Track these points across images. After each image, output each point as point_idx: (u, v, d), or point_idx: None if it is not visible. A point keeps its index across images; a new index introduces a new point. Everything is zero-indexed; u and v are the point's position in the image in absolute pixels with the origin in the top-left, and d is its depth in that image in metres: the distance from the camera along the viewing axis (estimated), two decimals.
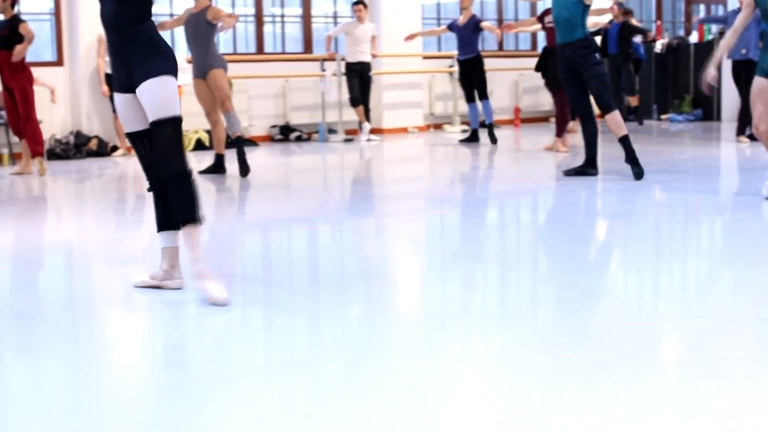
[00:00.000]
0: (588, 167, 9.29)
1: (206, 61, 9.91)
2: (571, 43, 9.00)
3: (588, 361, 3.62)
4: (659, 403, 3.14)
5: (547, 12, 12.09)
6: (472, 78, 13.71)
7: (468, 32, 13.61)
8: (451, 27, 13.99)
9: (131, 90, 4.79)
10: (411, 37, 14.40)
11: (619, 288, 5.04)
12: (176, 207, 4.76)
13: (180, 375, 3.65)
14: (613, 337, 3.95)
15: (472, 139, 13.91)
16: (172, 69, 4.77)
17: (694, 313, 4.40)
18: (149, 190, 4.92)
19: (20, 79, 10.48)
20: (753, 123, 7.51)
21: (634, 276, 5.24)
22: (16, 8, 10.64)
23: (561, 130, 12.02)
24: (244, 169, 10.00)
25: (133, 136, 4.88)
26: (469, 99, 13.85)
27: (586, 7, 8.98)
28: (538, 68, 12.67)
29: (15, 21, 10.41)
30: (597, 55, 9.06)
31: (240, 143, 10.07)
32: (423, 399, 3.25)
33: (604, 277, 5.29)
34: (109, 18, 4.75)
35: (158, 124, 4.71)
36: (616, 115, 9.08)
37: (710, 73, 7.72)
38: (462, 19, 13.70)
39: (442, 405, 3.21)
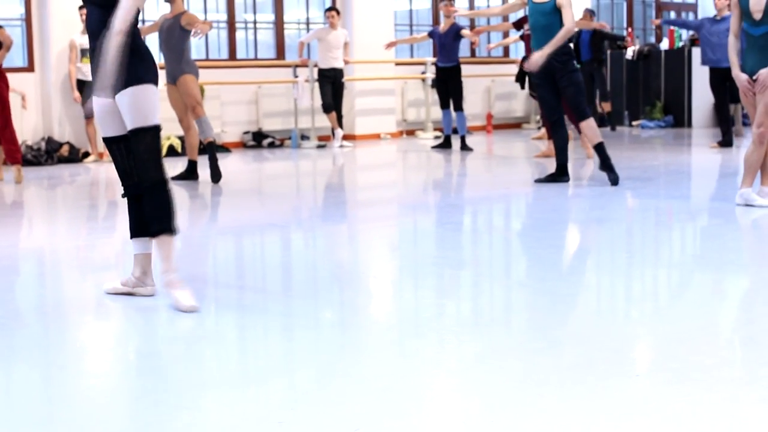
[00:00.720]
0: (559, 175, 9.33)
1: (178, 67, 9.91)
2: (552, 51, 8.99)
3: (561, 366, 3.64)
4: (631, 408, 3.16)
5: (524, 20, 12.13)
6: (448, 86, 13.71)
7: (449, 40, 13.61)
8: (432, 34, 13.99)
9: (108, 95, 4.78)
10: (391, 44, 14.42)
11: (591, 294, 5.07)
12: (151, 216, 4.74)
13: (153, 382, 3.64)
14: (585, 343, 3.96)
15: (445, 145, 13.92)
16: (153, 77, 4.76)
17: (666, 319, 4.42)
18: (124, 196, 4.90)
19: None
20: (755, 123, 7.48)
21: (606, 282, 5.27)
22: None
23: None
24: (216, 175, 10.00)
25: (109, 141, 4.87)
26: (444, 105, 13.85)
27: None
28: (518, 79, 12.76)
29: None
30: (574, 62, 9.12)
31: (212, 149, 10.06)
32: (396, 405, 3.25)
33: (577, 283, 5.31)
34: (94, 24, 4.74)
35: (137, 133, 4.70)
36: (591, 122, 9.14)
37: (743, 81, 7.57)
38: (443, 27, 13.70)
39: (415, 411, 3.21)
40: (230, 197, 9.37)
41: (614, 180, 8.96)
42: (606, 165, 9.07)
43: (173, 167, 11.51)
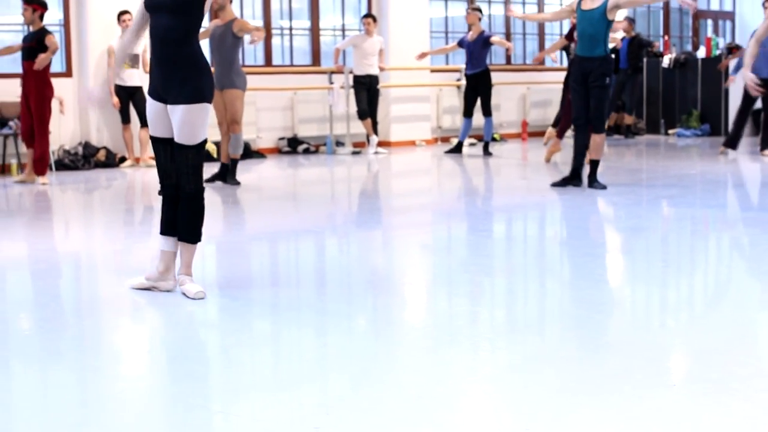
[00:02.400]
0: (573, 179, 9.55)
1: (228, 77, 9.98)
2: (593, 57, 9.17)
3: (596, 375, 3.62)
4: (667, 418, 3.14)
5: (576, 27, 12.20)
6: (477, 93, 13.80)
7: (477, 47, 13.65)
8: (461, 43, 14.07)
9: (164, 101, 5.00)
10: (422, 55, 14.54)
11: (626, 302, 5.03)
12: (182, 223, 5.09)
13: (187, 386, 3.65)
14: (621, 352, 3.94)
15: (457, 150, 14.20)
16: (208, 95, 4.99)
17: (702, 328, 4.39)
18: (160, 193, 5.16)
19: (41, 92, 10.57)
20: None
21: (641, 290, 5.24)
22: (43, 20, 10.71)
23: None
24: (233, 180, 10.33)
25: (157, 140, 5.09)
26: (466, 113, 14.05)
27: (610, 23, 9.13)
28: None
29: (42, 33, 10.50)
30: (611, 78, 9.29)
31: (234, 165, 10.43)
32: (430, 412, 3.25)
33: (612, 291, 5.28)
34: (162, 31, 4.95)
35: (183, 148, 4.99)
36: (601, 139, 9.32)
37: (748, 80, 7.87)
38: (471, 35, 13.75)
39: (449, 418, 3.21)
40: (265, 203, 9.40)
41: (577, 184, 9.42)
42: (593, 179, 9.43)
43: (208, 172, 11.58)
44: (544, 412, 3.23)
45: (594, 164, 9.47)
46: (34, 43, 10.47)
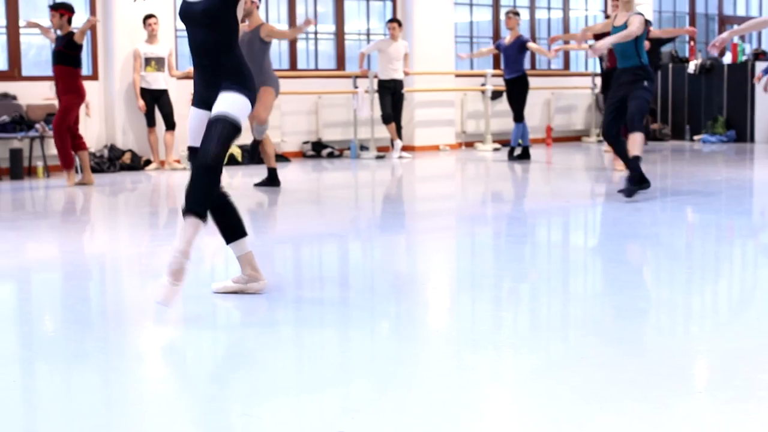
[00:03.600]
0: (640, 182, 9.22)
1: (259, 80, 9.94)
2: (627, 69, 9.26)
3: (621, 381, 3.60)
4: (693, 425, 3.12)
5: (604, 35, 12.20)
6: (513, 97, 13.82)
7: (513, 51, 13.66)
8: (499, 47, 14.08)
9: (209, 107, 4.90)
10: (464, 57, 14.67)
11: (651, 309, 5.00)
12: (189, 194, 4.75)
13: (211, 389, 3.66)
14: (646, 358, 3.92)
15: (524, 156, 14.02)
16: (252, 99, 4.92)
17: (727, 335, 4.37)
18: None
19: (70, 96, 10.64)
20: None
21: (666, 296, 5.21)
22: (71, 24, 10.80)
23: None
24: (254, 156, 10.81)
25: (195, 151, 4.94)
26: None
27: (639, 37, 9.17)
28: (603, 91, 12.79)
29: (71, 36, 10.59)
30: (649, 83, 9.26)
31: (255, 146, 10.64)
32: (454, 417, 3.24)
33: (637, 298, 5.26)
34: (198, 44, 4.89)
35: (218, 118, 4.76)
36: (639, 137, 9.14)
37: (722, 38, 7.80)
38: (508, 39, 13.78)
39: (473, 423, 3.20)
40: (289, 206, 9.41)
41: (629, 192, 8.99)
42: (633, 178, 9.06)
43: (233, 175, 11.61)
44: (569, 418, 3.22)
45: (635, 161, 9.10)
46: (62, 48, 10.53)
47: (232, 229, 5.10)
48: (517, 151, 14.07)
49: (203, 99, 4.93)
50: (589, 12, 19.01)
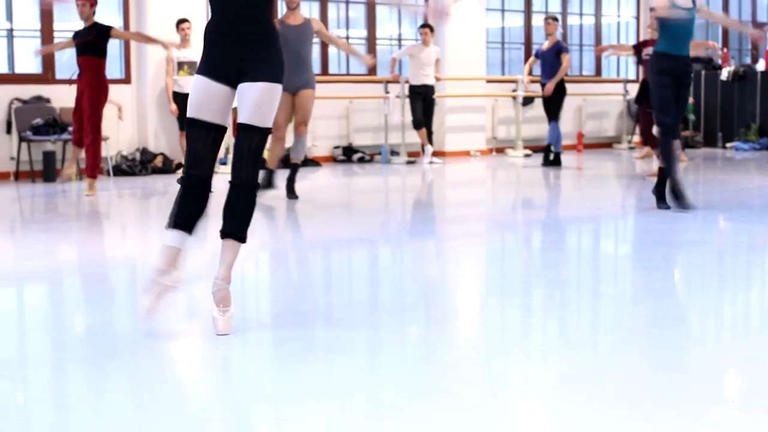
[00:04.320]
0: (679, 198, 8.82)
1: (304, 77, 9.73)
2: (685, 57, 8.72)
3: (652, 390, 3.58)
4: None
5: (645, 43, 12.14)
6: (550, 100, 13.78)
7: (550, 57, 13.65)
8: (537, 53, 14.05)
9: (231, 83, 4.49)
10: (526, 81, 14.64)
11: (683, 317, 4.97)
12: (230, 217, 4.56)
13: (241, 393, 3.67)
14: (677, 367, 3.90)
15: (555, 162, 13.97)
16: (282, 78, 4.55)
17: (760, 344, 4.33)
18: (182, 182, 4.60)
19: (95, 92, 10.26)
20: None
21: (697, 305, 5.18)
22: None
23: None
24: (291, 194, 9.87)
25: (200, 124, 4.53)
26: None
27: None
28: (638, 101, 12.67)
29: (99, 27, 10.37)
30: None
31: (295, 169, 9.98)
32: (483, 423, 3.23)
33: (668, 306, 5.23)
34: (237, 6, 4.42)
35: (250, 129, 4.45)
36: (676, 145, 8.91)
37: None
38: (546, 45, 13.76)
39: (502, 430, 3.19)
40: (319, 211, 9.42)
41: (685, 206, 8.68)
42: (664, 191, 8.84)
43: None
44: (598, 426, 3.20)
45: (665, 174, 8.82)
46: (91, 38, 10.33)
47: (189, 218, 4.65)
48: (550, 157, 14.03)
49: (220, 68, 4.48)
50: (622, 18, 18.94)
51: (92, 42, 10.36)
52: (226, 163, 13.34)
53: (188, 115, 4.57)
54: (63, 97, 12.49)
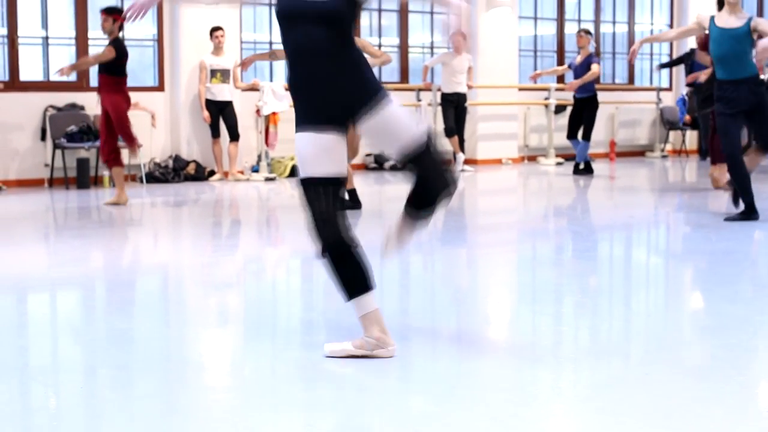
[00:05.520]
0: (750, 212, 8.49)
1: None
2: (745, 79, 8.18)
3: (684, 399, 3.55)
4: None
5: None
6: (582, 116, 13.68)
7: (583, 70, 13.59)
8: (570, 65, 14.02)
9: (341, 124, 4.11)
10: (536, 76, 14.55)
11: (715, 326, 4.93)
12: (426, 199, 4.44)
13: (269, 400, 3.67)
14: (710, 376, 3.87)
15: (587, 170, 13.89)
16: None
17: None
18: (323, 254, 4.20)
19: (116, 106, 9.91)
20: None
21: (730, 314, 5.13)
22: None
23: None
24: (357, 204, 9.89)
25: (320, 182, 4.10)
26: (570, 135, 13.84)
27: (752, 41, 8.23)
28: (702, 107, 12.37)
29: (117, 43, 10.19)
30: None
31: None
32: None
33: (701, 314, 5.20)
34: (316, 43, 4.03)
35: (420, 148, 4.17)
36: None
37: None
38: (579, 58, 13.72)
39: None
40: (351, 219, 9.40)
41: (755, 217, 8.41)
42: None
43: (284, 187, 11.64)
44: None
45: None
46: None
47: (351, 282, 4.22)
48: (580, 166, 13.98)
49: (329, 117, 4.09)
50: (655, 25, 18.85)
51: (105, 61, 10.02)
52: (258, 171, 13.39)
53: (307, 174, 4.12)
54: (93, 106, 12.56)
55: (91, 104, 12.58)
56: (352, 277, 4.20)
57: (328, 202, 4.11)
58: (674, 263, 6.87)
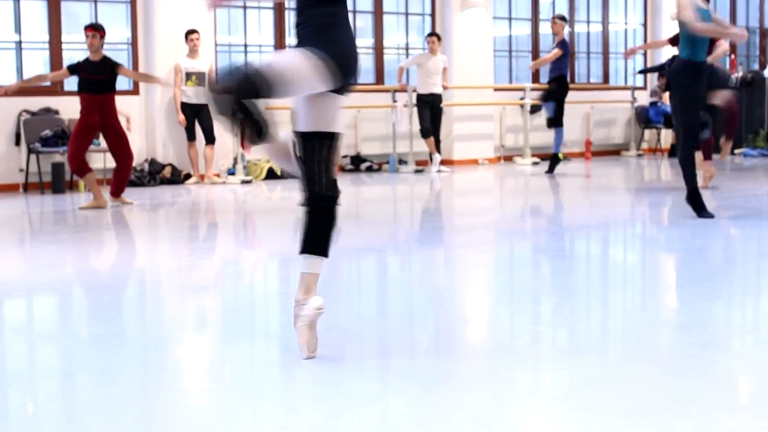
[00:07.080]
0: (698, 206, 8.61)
1: None
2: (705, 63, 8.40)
3: (661, 397, 3.57)
4: None
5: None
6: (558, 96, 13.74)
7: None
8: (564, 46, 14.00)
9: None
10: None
11: (691, 323, 4.96)
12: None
13: (248, 403, 3.67)
14: (686, 374, 3.89)
15: (551, 167, 13.92)
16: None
17: None
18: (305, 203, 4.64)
19: (117, 118, 10.51)
20: None
21: (706, 311, 5.16)
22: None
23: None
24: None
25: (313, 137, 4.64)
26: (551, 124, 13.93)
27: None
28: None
29: (111, 63, 10.35)
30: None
31: None
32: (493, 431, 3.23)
33: (676, 312, 5.22)
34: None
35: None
36: None
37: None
38: (553, 45, 13.84)
39: None
40: None
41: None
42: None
43: (272, 190, 11.63)
44: None
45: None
46: (107, 75, 10.30)
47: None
48: (556, 166, 13.99)
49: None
50: (629, 25, 18.93)
51: (108, 79, 10.28)
52: (234, 173, 13.37)
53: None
54: (71, 109, 12.49)
55: (66, 108, 12.53)
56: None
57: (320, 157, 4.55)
58: (650, 261, 6.91)
